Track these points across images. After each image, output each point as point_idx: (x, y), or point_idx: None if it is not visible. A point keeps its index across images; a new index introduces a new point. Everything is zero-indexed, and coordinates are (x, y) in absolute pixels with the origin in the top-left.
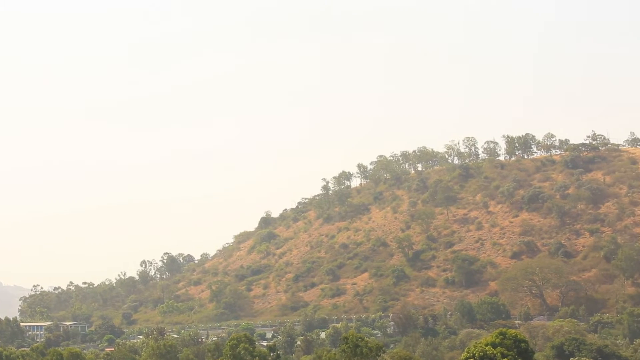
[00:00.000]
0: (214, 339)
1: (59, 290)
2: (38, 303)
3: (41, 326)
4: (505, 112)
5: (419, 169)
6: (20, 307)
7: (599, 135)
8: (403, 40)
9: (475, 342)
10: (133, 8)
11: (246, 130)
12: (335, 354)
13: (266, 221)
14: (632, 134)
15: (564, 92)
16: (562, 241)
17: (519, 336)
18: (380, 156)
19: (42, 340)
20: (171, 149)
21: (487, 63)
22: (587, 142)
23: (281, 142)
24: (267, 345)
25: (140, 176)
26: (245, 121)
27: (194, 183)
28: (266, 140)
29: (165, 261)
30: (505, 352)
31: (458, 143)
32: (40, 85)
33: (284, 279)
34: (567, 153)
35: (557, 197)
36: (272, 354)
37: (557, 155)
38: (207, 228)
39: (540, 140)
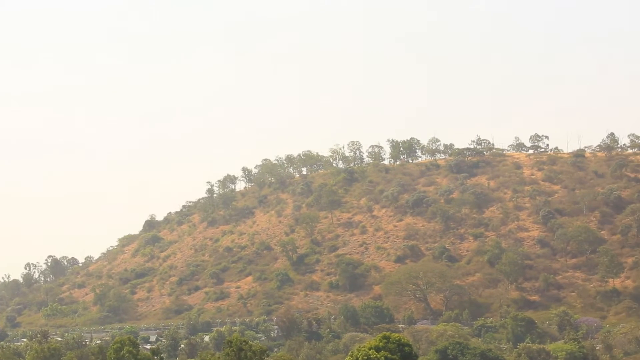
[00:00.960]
0: (97, 342)
1: None
2: None
3: None
4: (391, 116)
5: (304, 172)
6: None
7: (483, 140)
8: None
9: (359, 346)
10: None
11: (132, 131)
12: (219, 357)
13: (151, 224)
14: (517, 138)
15: (451, 96)
16: (446, 245)
17: (402, 340)
18: (265, 160)
19: None
20: None
21: (375, 67)
22: (472, 146)
23: (166, 145)
24: (150, 348)
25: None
26: (134, 122)
27: (79, 182)
28: (152, 143)
29: (49, 264)
30: (389, 355)
31: (343, 147)
32: None
33: (168, 282)
34: (451, 158)
35: (442, 201)
36: (155, 357)
37: (441, 159)
38: (91, 231)
39: (425, 144)
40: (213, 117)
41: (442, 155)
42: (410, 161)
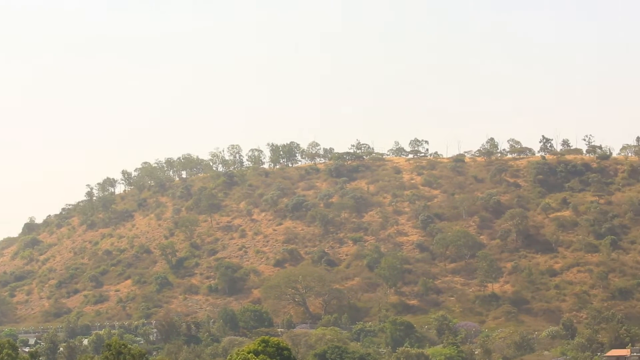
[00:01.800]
0: None
1: None
2: None
3: None
4: (272, 119)
5: (184, 176)
6: None
7: (363, 144)
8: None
9: (238, 350)
10: None
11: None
12: None
13: (30, 227)
14: (397, 143)
15: (331, 100)
16: (326, 249)
17: (281, 344)
18: (145, 163)
19: None
20: None
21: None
22: (352, 151)
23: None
24: (29, 351)
25: None
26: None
27: None
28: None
29: None
30: (268, 359)
31: (223, 151)
32: None
33: (47, 285)
34: (331, 162)
35: (321, 205)
36: None
37: (321, 163)
38: None
39: (305, 148)
40: (92, 119)
41: (321, 159)
42: (290, 165)
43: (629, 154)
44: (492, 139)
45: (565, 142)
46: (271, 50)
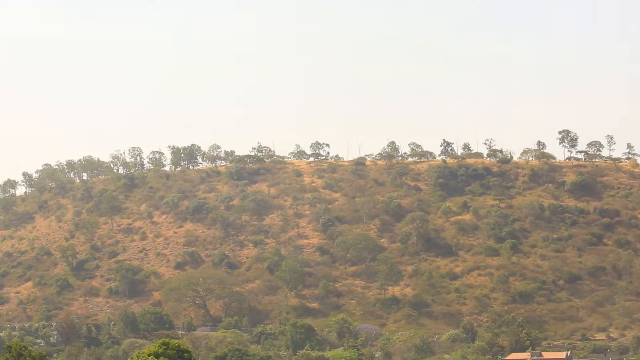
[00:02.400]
0: None
1: None
2: None
3: None
4: (172, 122)
5: (85, 178)
6: None
7: (264, 147)
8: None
9: (139, 352)
10: None
11: None
12: None
13: None
14: (298, 146)
15: (233, 103)
16: (226, 252)
17: (182, 346)
18: (46, 165)
19: None
20: None
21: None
22: (253, 153)
23: None
24: None
25: None
26: None
27: None
28: None
29: None
30: None
31: (124, 153)
32: None
33: None
34: (232, 164)
35: (222, 208)
36: None
37: (222, 166)
38: None
39: (206, 151)
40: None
41: (222, 162)
42: (191, 167)
43: (530, 158)
44: (393, 143)
45: (466, 146)
46: (172, 53)
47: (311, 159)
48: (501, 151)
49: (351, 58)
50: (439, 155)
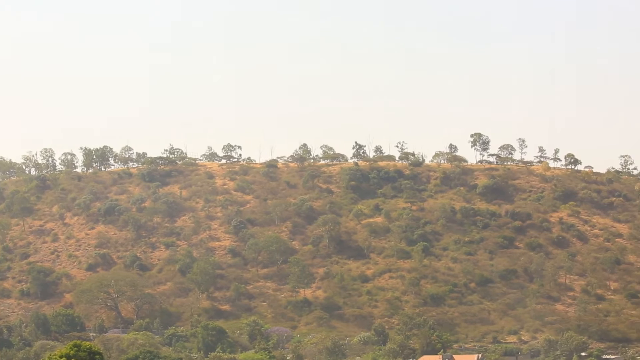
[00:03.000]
0: None
1: None
2: None
3: None
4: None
5: None
6: None
7: (176, 149)
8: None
9: (50, 354)
10: None
11: None
12: None
13: None
14: (210, 148)
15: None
16: (138, 254)
17: (93, 348)
18: None
19: None
20: None
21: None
22: (165, 155)
23: None
24: None
25: None
26: None
27: None
28: None
29: None
30: None
31: (36, 154)
32: None
33: None
34: (144, 166)
35: (134, 210)
36: None
37: (134, 168)
38: None
39: (118, 153)
40: None
41: (134, 163)
42: (103, 169)
43: (442, 161)
44: (305, 145)
45: (378, 149)
46: (80, 53)
47: (223, 161)
48: (413, 154)
49: (264, 60)
50: (351, 157)
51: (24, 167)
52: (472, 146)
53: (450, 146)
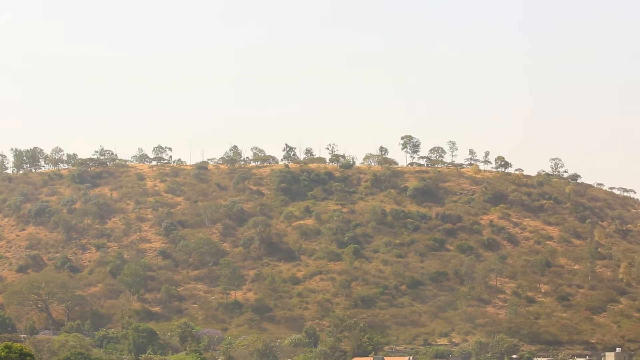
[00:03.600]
0: None
1: None
2: None
3: None
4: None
5: None
6: None
7: (107, 150)
8: None
9: None
10: None
11: None
12: None
13: None
14: (140, 150)
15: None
16: (69, 255)
17: (24, 350)
18: None
19: None
20: None
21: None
22: (96, 157)
23: None
24: None
25: None
26: None
27: None
28: None
29: None
30: None
31: None
32: None
33: None
34: (75, 168)
35: (64, 211)
36: None
37: (65, 169)
38: None
39: (49, 154)
40: None
41: (65, 165)
42: (33, 170)
43: (372, 164)
44: (235, 147)
45: (308, 151)
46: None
47: (154, 162)
48: (344, 156)
49: (196, 62)
50: (282, 160)
51: None
52: (402, 148)
53: (381, 148)
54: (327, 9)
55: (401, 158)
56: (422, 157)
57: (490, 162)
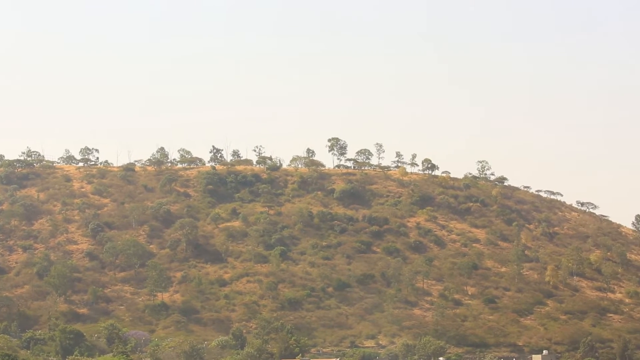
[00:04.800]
0: None
1: None
2: None
3: None
4: None
5: None
6: None
7: (34, 151)
8: None
9: None
10: None
11: None
12: None
13: None
14: (67, 151)
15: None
16: None
17: None
18: None
19: None
20: None
21: None
22: (22, 158)
23: None
24: None
25: None
26: None
27: None
28: None
29: None
30: None
31: None
32: None
33: None
34: (1, 169)
35: None
36: None
37: None
38: None
39: None
40: None
41: None
42: None
43: (299, 166)
44: (162, 149)
45: (235, 153)
46: None
47: (81, 164)
48: (270, 158)
49: (121, 64)
50: (209, 161)
51: None
52: (329, 151)
53: (308, 151)
54: (242, 13)
55: (328, 160)
56: (349, 160)
57: (417, 165)
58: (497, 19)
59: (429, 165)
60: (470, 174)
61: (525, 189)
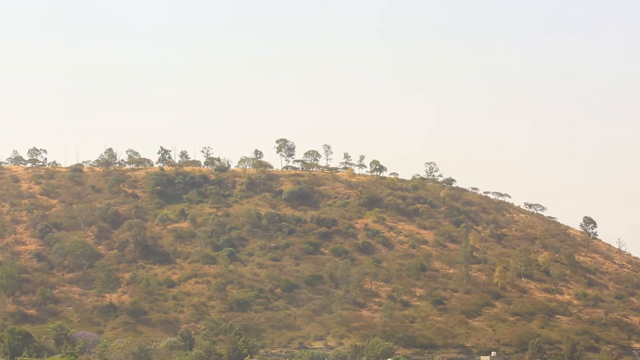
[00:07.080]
0: None
1: None
2: None
3: None
4: None
5: None
6: None
7: None
8: None
9: None
10: None
11: None
12: None
13: None
14: (15, 151)
15: None
16: None
17: None
18: None
19: None
20: None
21: None
22: None
23: None
24: None
25: None
26: None
27: None
28: None
29: None
30: None
31: None
32: None
33: None
34: None
35: None
36: None
37: None
38: None
39: None
40: None
41: None
42: None
43: (247, 167)
44: (110, 150)
45: (183, 154)
46: None
47: (29, 165)
48: (219, 159)
49: (70, 63)
50: (157, 162)
51: None
52: (277, 152)
53: (256, 152)
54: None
55: (276, 161)
56: (297, 161)
57: (365, 166)
58: (451, 20)
59: (377, 167)
60: (418, 175)
61: (474, 191)
